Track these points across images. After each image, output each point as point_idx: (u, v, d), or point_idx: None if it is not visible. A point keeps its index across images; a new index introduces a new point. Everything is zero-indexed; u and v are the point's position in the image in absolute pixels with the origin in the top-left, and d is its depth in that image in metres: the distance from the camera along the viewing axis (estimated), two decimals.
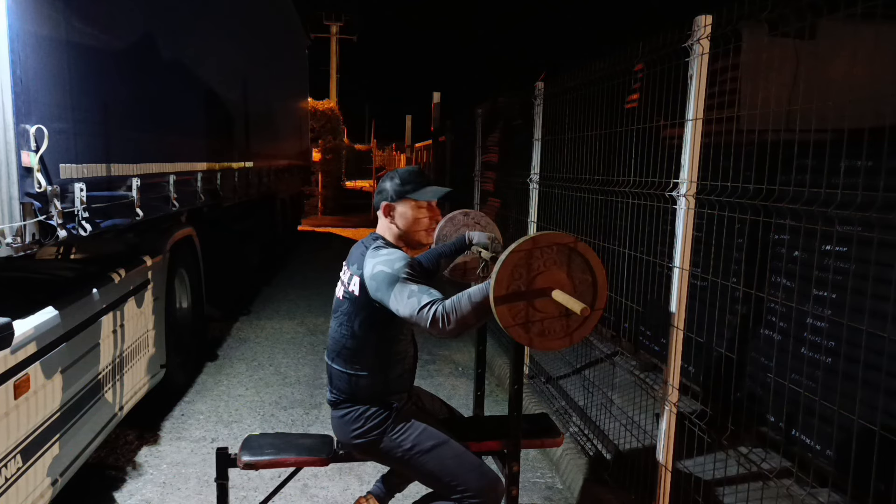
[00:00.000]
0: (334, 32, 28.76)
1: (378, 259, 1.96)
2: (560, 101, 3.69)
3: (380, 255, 1.97)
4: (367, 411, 2.07)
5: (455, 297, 1.82)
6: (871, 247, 2.31)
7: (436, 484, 2.15)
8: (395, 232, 2.13)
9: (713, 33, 2.06)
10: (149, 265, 3.55)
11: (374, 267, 1.95)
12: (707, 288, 2.93)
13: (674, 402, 2.24)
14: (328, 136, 17.39)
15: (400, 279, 1.88)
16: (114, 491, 2.96)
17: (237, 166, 5.57)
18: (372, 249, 2.03)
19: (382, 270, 1.92)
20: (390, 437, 2.06)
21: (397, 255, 1.97)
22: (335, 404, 2.14)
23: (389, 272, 1.91)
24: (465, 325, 1.81)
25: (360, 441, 2.08)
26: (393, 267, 1.91)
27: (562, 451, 3.21)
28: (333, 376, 2.13)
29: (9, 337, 2.09)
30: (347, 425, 2.09)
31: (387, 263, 1.93)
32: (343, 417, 2.10)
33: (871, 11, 1.65)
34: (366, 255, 2.02)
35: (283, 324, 6.01)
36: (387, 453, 2.08)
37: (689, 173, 2.16)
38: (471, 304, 1.79)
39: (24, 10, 2.17)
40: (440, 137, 10.40)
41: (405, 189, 2.10)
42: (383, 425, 2.06)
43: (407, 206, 2.11)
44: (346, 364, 2.08)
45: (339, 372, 2.10)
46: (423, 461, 2.05)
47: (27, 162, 2.16)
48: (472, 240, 2.53)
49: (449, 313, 1.79)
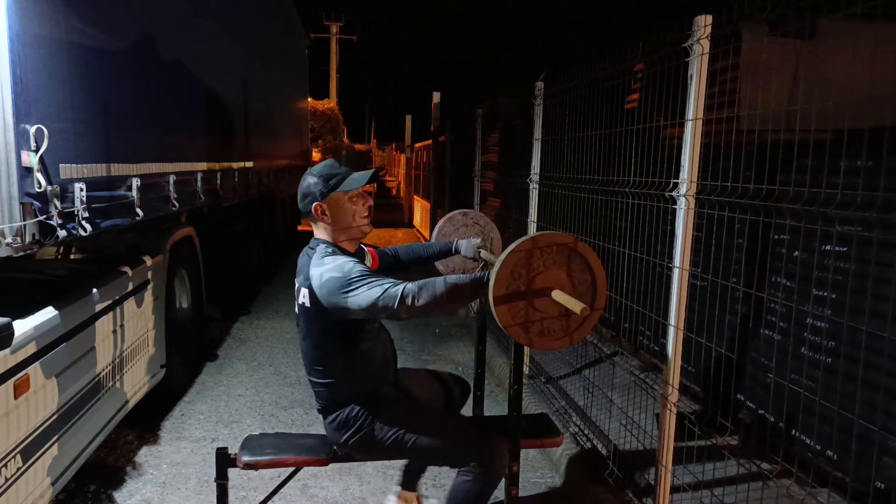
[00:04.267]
0: (334, 32, 28.78)
1: (325, 268, 1.91)
2: (560, 101, 3.69)
3: (325, 264, 1.92)
4: (352, 411, 2.09)
5: (428, 279, 1.80)
6: (871, 247, 2.31)
7: (438, 460, 2.17)
8: (334, 231, 2.07)
9: (713, 33, 2.06)
10: (149, 265, 3.55)
11: (321, 276, 1.90)
12: (707, 288, 2.93)
13: (674, 402, 2.24)
14: (328, 136, 17.40)
15: (353, 279, 1.85)
16: (114, 491, 2.96)
17: (237, 166, 5.57)
18: (316, 258, 1.98)
19: (332, 277, 1.87)
20: (380, 427, 2.07)
21: (342, 259, 1.93)
22: (323, 412, 2.16)
23: (340, 276, 1.86)
24: (437, 303, 1.78)
25: (353, 440, 2.10)
26: (343, 270, 1.87)
27: (562, 451, 3.21)
28: (314, 388, 2.16)
29: (9, 337, 2.09)
30: (339, 430, 2.11)
31: (335, 269, 1.89)
32: (332, 423, 2.13)
33: (871, 11, 1.65)
34: (311, 265, 1.97)
35: (283, 324, 6.01)
36: (381, 445, 2.09)
37: (689, 173, 2.16)
38: (445, 285, 1.77)
39: (24, 10, 2.16)
40: (440, 137, 10.40)
41: (330, 185, 2.03)
42: (370, 417, 2.07)
43: (338, 201, 2.04)
44: (319, 375, 2.11)
45: (317, 384, 2.12)
46: (416, 442, 2.07)
47: (27, 162, 2.16)
48: (458, 249, 2.55)
49: (421, 289, 1.77)
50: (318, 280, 1.91)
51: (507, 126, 5.84)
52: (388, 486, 3.03)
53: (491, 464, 2.06)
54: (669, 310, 2.27)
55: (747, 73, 2.56)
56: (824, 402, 2.43)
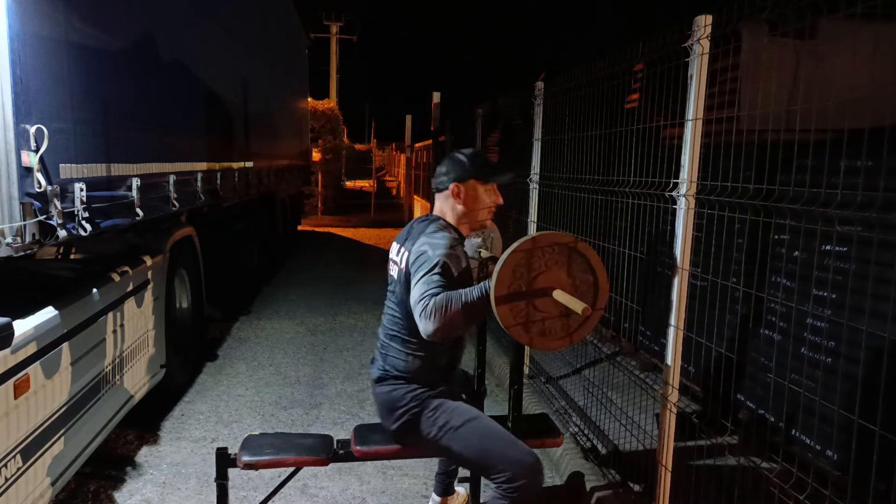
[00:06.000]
0: (334, 32, 28.76)
1: (429, 240, 1.98)
2: (560, 101, 3.69)
3: (434, 237, 1.99)
4: (412, 391, 2.10)
5: (446, 294, 1.81)
6: (871, 247, 2.31)
7: (471, 464, 2.17)
8: (459, 212, 2.16)
9: (713, 33, 2.06)
10: (149, 265, 3.55)
11: (421, 245, 1.98)
12: (707, 288, 2.93)
13: (674, 402, 2.24)
14: (328, 136, 17.38)
15: (429, 266, 1.89)
16: (114, 491, 2.96)
17: (237, 166, 5.57)
18: (431, 229, 2.05)
19: (425, 252, 1.95)
20: (426, 416, 2.09)
21: (447, 242, 1.97)
22: (382, 379, 2.16)
23: (429, 255, 1.93)
24: (453, 325, 1.80)
25: (401, 421, 2.11)
26: (434, 252, 1.93)
27: (562, 451, 3.21)
28: (390, 354, 2.15)
29: (9, 337, 2.09)
30: (392, 402, 2.12)
31: (432, 246, 1.95)
32: (390, 393, 2.13)
33: (871, 11, 1.65)
34: (423, 232, 2.05)
35: (283, 324, 6.01)
36: (422, 432, 2.10)
37: (689, 173, 2.16)
38: (462, 304, 1.78)
39: (24, 10, 2.16)
40: (440, 137, 10.40)
41: (475, 171, 2.14)
42: (422, 403, 2.09)
43: (475, 187, 2.15)
44: (402, 344, 2.12)
45: (396, 350, 2.13)
46: (455, 437, 2.07)
47: (27, 162, 2.16)
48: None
49: (438, 309, 1.78)
50: (417, 247, 1.99)
51: (507, 126, 5.85)
52: (388, 486, 3.04)
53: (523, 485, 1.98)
54: (669, 310, 2.27)
55: (747, 73, 2.56)
56: (824, 402, 2.43)
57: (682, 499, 2.39)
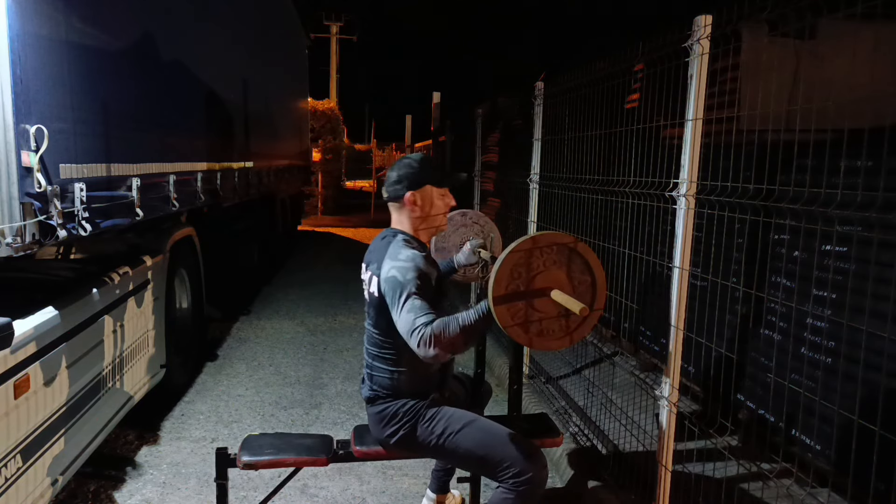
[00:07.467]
0: (334, 32, 28.76)
1: (395, 263, 1.95)
2: (560, 101, 3.69)
3: (399, 260, 1.95)
4: (404, 405, 2.10)
5: (442, 320, 1.80)
6: (871, 247, 2.31)
7: (476, 467, 2.17)
8: (416, 221, 2.13)
9: (713, 33, 2.06)
10: (149, 265, 3.55)
11: (388, 270, 1.95)
12: (707, 288, 2.93)
13: (674, 402, 2.24)
14: (328, 136, 17.39)
15: (406, 292, 1.87)
16: (114, 491, 2.96)
17: (237, 166, 5.57)
18: (393, 248, 2.02)
19: (395, 277, 1.91)
20: (423, 426, 2.08)
21: (413, 262, 1.94)
22: (373, 400, 2.16)
23: (400, 280, 1.89)
24: (454, 347, 1.80)
25: (397, 436, 2.10)
26: (405, 277, 1.90)
27: (562, 451, 3.21)
28: (375, 375, 2.15)
29: (9, 337, 2.09)
30: (383, 421, 2.12)
31: (400, 271, 1.91)
32: (381, 413, 2.13)
33: (871, 11, 1.65)
34: (386, 254, 2.02)
35: (283, 324, 6.01)
36: (422, 443, 2.10)
37: (689, 173, 2.16)
38: (460, 328, 1.78)
39: (24, 10, 2.16)
40: (440, 137, 10.40)
41: (428, 176, 2.12)
42: (417, 415, 2.08)
43: (431, 192, 2.13)
44: (388, 363, 2.11)
45: (380, 369, 2.13)
46: (456, 442, 2.06)
47: (27, 162, 2.16)
48: (459, 262, 2.57)
49: (436, 336, 1.77)
50: (385, 273, 1.96)
51: (507, 126, 5.85)
52: (388, 486, 3.04)
53: (530, 478, 1.98)
54: (670, 310, 2.27)
55: (747, 73, 2.56)
56: (824, 402, 2.43)
57: (682, 499, 2.39)
